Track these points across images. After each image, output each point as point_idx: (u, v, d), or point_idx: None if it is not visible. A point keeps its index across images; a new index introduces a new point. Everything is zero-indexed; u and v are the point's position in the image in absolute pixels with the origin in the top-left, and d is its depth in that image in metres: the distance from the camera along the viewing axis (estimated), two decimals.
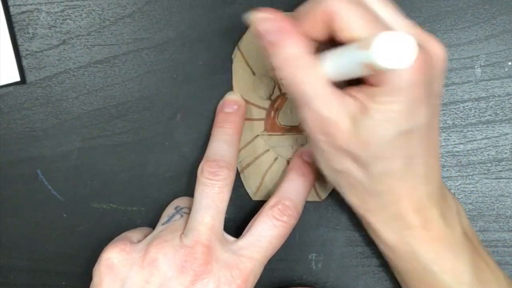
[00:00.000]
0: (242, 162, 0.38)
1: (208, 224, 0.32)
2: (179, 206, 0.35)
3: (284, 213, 0.33)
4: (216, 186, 0.32)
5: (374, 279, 0.38)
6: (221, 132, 0.35)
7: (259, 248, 0.32)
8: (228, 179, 0.33)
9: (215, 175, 0.32)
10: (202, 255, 0.31)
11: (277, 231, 0.32)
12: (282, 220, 0.33)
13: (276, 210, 0.33)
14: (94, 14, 0.38)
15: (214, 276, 0.31)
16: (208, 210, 0.32)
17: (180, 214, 0.34)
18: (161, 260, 0.31)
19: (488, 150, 0.37)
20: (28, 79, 0.38)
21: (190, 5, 0.38)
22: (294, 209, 0.33)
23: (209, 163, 0.33)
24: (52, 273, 0.39)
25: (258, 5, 0.37)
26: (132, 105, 0.38)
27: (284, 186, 0.34)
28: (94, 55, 0.38)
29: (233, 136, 0.35)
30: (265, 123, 0.38)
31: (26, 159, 0.39)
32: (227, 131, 0.35)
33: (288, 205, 0.33)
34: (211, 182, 0.32)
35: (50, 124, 0.38)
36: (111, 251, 0.32)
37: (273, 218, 0.33)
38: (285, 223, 0.33)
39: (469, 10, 0.37)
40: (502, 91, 0.37)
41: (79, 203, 0.39)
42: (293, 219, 0.33)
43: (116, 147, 0.38)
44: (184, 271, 0.30)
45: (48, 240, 0.39)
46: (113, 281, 0.31)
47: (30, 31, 0.38)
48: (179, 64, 0.38)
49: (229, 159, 0.33)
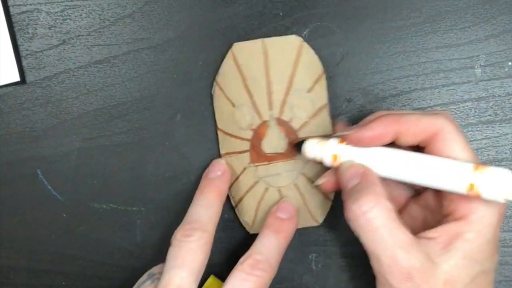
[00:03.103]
0: (235, 197, 0.37)
1: (176, 284, 0.31)
2: (152, 273, 0.34)
3: (255, 267, 0.32)
4: (187, 247, 0.32)
5: (374, 279, 0.38)
6: (201, 198, 0.35)
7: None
8: (201, 240, 0.32)
9: (188, 236, 0.32)
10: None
11: (249, 285, 0.31)
12: (253, 274, 0.31)
13: (246, 265, 0.32)
14: (94, 14, 0.38)
15: None
16: (177, 270, 0.31)
17: (151, 280, 0.33)
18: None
19: (488, 150, 0.37)
20: (28, 79, 0.38)
21: (190, 5, 0.38)
22: (266, 263, 0.32)
23: (183, 227, 0.32)
24: (52, 273, 0.39)
25: (258, 5, 0.37)
26: (132, 105, 0.38)
27: (257, 243, 0.33)
28: (94, 55, 0.38)
29: (212, 201, 0.34)
30: (251, 154, 0.37)
31: (26, 159, 0.39)
32: (208, 196, 0.35)
33: (259, 259, 0.32)
34: (182, 244, 0.32)
35: (50, 124, 0.38)
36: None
37: (244, 273, 0.31)
38: (257, 277, 0.31)
39: (469, 10, 0.37)
40: (502, 91, 0.37)
41: (79, 203, 0.39)
42: (265, 273, 0.32)
43: (116, 147, 0.38)
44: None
45: (48, 240, 0.39)
46: None
47: (30, 31, 0.38)
48: (179, 64, 0.38)
49: (205, 221, 0.33)
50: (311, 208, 0.37)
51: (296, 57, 0.36)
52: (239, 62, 0.36)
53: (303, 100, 0.36)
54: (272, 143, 0.36)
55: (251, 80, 0.36)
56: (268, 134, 0.36)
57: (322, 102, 0.37)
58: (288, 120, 0.36)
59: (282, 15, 0.37)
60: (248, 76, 0.36)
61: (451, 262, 0.29)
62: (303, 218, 0.37)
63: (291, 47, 0.36)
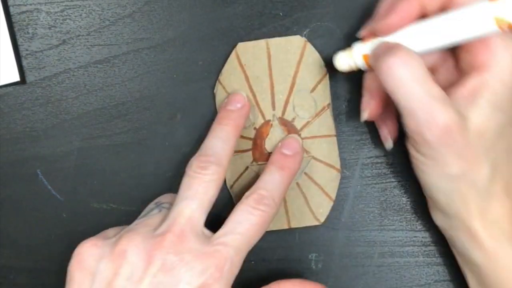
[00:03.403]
0: (237, 195, 0.37)
1: (186, 215, 0.31)
2: (160, 202, 0.34)
3: (260, 202, 0.32)
4: (201, 180, 0.32)
5: (374, 279, 0.38)
6: (219, 129, 0.34)
7: (235, 235, 0.31)
8: (215, 175, 0.32)
9: (203, 169, 0.32)
10: (171, 244, 0.30)
11: (254, 218, 0.31)
12: (258, 209, 0.32)
13: (251, 199, 0.32)
14: (94, 14, 0.38)
15: (186, 265, 0.29)
16: (189, 201, 0.31)
17: (159, 209, 0.33)
18: (129, 251, 0.30)
19: None
20: (28, 79, 0.38)
21: (190, 5, 0.38)
22: (271, 198, 0.32)
23: (199, 158, 0.32)
24: (52, 273, 0.39)
25: (258, 5, 0.37)
26: (132, 105, 0.38)
27: (261, 179, 0.34)
28: (94, 55, 0.38)
29: (230, 134, 0.34)
30: (253, 153, 0.37)
31: (26, 159, 0.39)
32: (225, 128, 0.34)
33: (264, 194, 0.32)
34: (197, 175, 0.32)
35: (50, 124, 0.38)
36: (82, 245, 0.31)
37: (248, 206, 0.32)
38: (262, 212, 0.32)
39: None
40: None
41: (79, 203, 0.39)
42: (270, 208, 0.32)
43: (116, 147, 0.38)
44: (152, 260, 0.29)
45: (48, 240, 0.39)
46: (84, 276, 0.30)
47: (30, 31, 0.38)
48: (179, 64, 0.38)
49: (221, 156, 0.33)
50: (313, 207, 0.37)
51: (300, 58, 0.36)
52: (242, 62, 0.37)
53: (306, 100, 0.36)
54: (274, 142, 0.37)
55: (254, 80, 0.37)
56: (271, 133, 0.37)
57: (325, 102, 0.37)
58: (290, 120, 0.37)
59: (282, 15, 0.37)
60: (251, 76, 0.37)
61: (479, 113, 0.29)
62: (305, 217, 0.37)
63: (295, 47, 0.36)
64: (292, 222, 0.37)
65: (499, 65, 0.29)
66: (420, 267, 0.38)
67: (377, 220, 0.38)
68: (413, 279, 0.38)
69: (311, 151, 0.37)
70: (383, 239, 0.38)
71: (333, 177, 0.37)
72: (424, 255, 0.38)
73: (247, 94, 0.37)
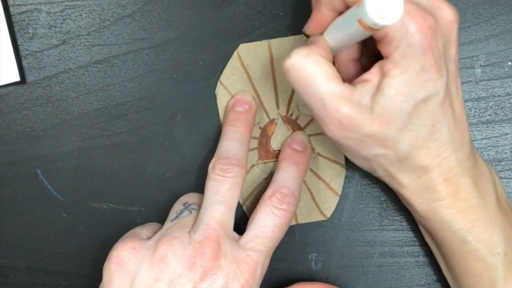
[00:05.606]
0: (243, 194, 0.38)
1: (218, 220, 0.32)
2: (188, 203, 0.35)
3: (283, 201, 0.33)
4: (227, 183, 0.33)
5: (374, 279, 0.38)
6: (233, 131, 0.35)
7: (263, 239, 0.32)
8: (239, 177, 0.33)
9: (227, 172, 0.33)
10: (211, 250, 0.31)
11: (278, 220, 0.32)
12: (282, 209, 0.33)
13: (275, 199, 0.33)
14: (94, 14, 0.38)
15: (223, 271, 0.31)
16: (219, 206, 0.32)
17: (189, 211, 0.34)
18: (170, 257, 0.31)
19: (488, 150, 0.37)
20: (28, 79, 0.38)
21: (190, 5, 0.38)
22: (292, 196, 0.33)
23: (221, 160, 0.33)
24: (52, 273, 0.39)
25: (258, 5, 0.37)
26: (132, 105, 0.38)
27: (278, 176, 0.34)
28: (94, 55, 0.38)
29: (244, 135, 0.35)
30: (259, 151, 0.38)
31: (26, 159, 0.38)
32: (239, 130, 0.35)
33: (286, 193, 0.33)
34: (222, 179, 0.33)
35: (50, 124, 0.38)
36: (121, 248, 0.32)
37: (272, 207, 0.33)
38: (285, 211, 0.33)
39: (469, 10, 0.37)
40: (502, 91, 0.37)
41: (79, 203, 0.39)
42: (292, 206, 0.33)
43: (116, 147, 0.38)
44: (193, 267, 0.30)
45: (48, 240, 0.39)
46: (124, 279, 0.31)
47: (30, 31, 0.38)
48: (179, 64, 0.38)
49: (241, 158, 0.34)
50: (319, 203, 0.37)
51: None
52: (245, 63, 0.37)
53: None
54: (279, 140, 0.37)
55: (257, 81, 0.37)
56: (276, 132, 0.37)
57: None
58: (294, 118, 0.37)
59: (282, 15, 0.37)
60: (254, 77, 0.37)
61: (383, 102, 0.29)
62: (311, 213, 0.37)
63: (297, 46, 0.36)
64: (299, 218, 0.37)
65: (401, 54, 0.28)
66: (420, 267, 0.38)
67: (377, 220, 0.38)
68: (413, 279, 0.38)
69: (316, 148, 0.37)
70: (383, 239, 0.38)
71: (338, 172, 0.37)
72: (424, 255, 0.38)
73: (251, 94, 0.37)
